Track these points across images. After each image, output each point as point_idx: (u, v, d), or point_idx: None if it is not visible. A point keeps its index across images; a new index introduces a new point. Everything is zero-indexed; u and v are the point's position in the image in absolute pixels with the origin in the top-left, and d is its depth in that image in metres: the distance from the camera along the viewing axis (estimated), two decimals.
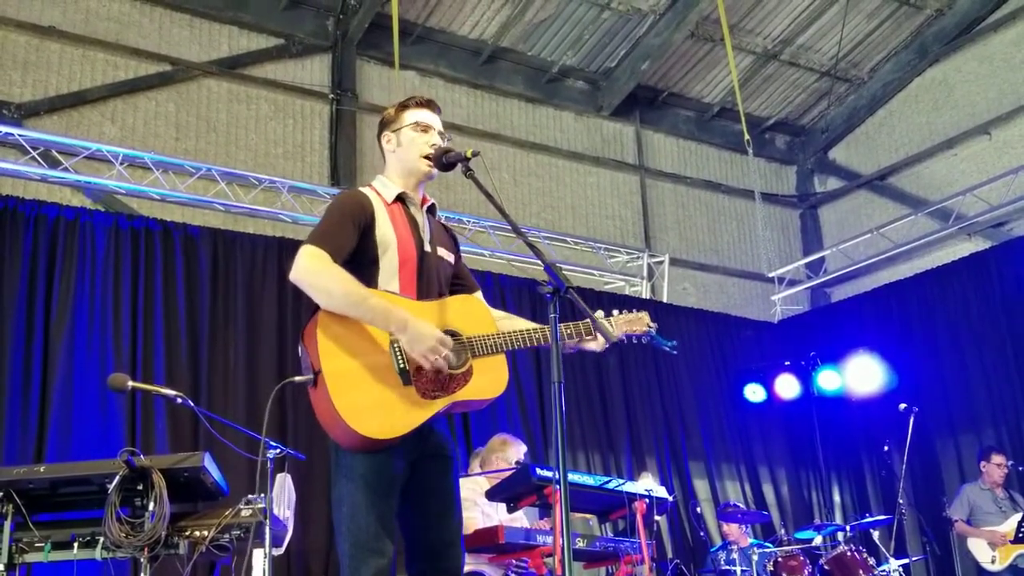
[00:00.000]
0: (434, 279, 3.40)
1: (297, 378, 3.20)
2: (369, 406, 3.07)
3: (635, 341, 3.58)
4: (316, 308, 3.19)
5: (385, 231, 3.31)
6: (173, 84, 9.14)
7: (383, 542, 3.11)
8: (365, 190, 3.43)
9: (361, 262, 3.27)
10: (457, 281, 3.56)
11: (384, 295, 3.22)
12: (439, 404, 3.16)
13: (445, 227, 3.63)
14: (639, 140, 11.91)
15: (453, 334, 3.23)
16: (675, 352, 3.81)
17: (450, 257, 3.53)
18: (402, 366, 3.13)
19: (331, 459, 3.22)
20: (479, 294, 3.58)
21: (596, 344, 3.44)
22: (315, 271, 3.13)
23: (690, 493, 9.98)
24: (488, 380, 3.25)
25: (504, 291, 9.42)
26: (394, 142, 3.47)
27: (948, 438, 9.92)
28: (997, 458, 8.74)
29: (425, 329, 3.11)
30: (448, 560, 3.28)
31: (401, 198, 3.43)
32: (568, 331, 3.38)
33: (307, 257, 3.14)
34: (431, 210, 3.53)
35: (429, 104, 3.51)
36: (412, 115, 3.47)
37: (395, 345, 3.14)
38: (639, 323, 3.58)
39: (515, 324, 3.47)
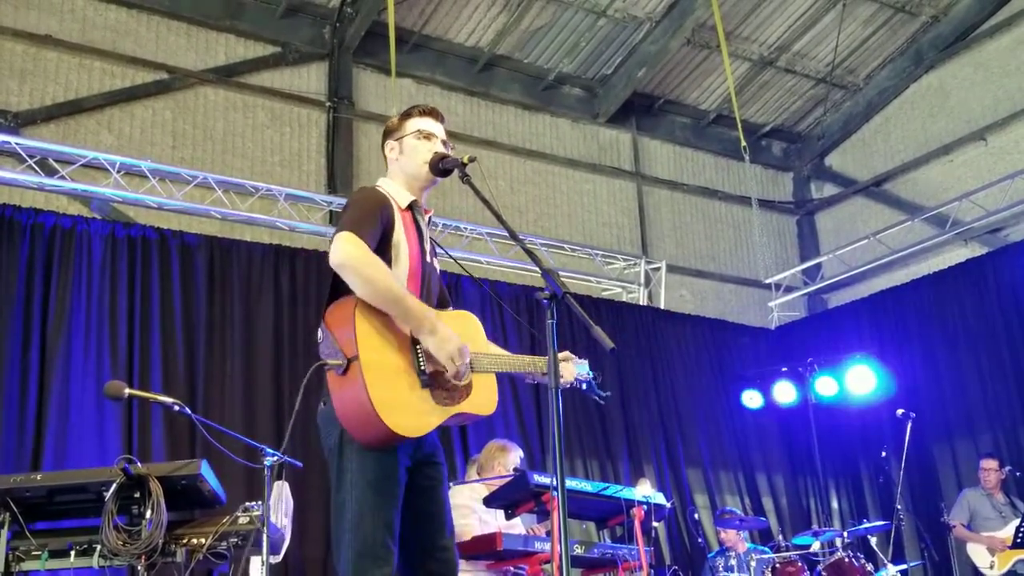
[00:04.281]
0: (433, 290, 3.42)
1: (330, 361, 3.12)
2: (398, 402, 3.07)
3: (574, 385, 3.61)
4: (338, 292, 3.17)
5: (400, 236, 3.30)
6: (170, 92, 9.15)
7: (388, 550, 3.07)
8: (381, 191, 3.40)
9: None
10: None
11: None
12: (448, 412, 3.20)
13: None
14: (635, 147, 11.93)
15: None
16: (604, 403, 3.88)
17: (439, 270, 3.56)
18: (423, 368, 3.15)
19: (333, 465, 3.17)
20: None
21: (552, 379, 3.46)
22: (359, 258, 3.07)
23: (688, 499, 9.98)
24: (484, 397, 3.31)
25: (501, 298, 9.42)
26: (397, 150, 3.46)
27: (945, 444, 9.92)
28: (986, 463, 8.76)
29: (452, 334, 3.15)
30: (441, 563, 3.26)
31: (411, 206, 3.43)
32: (534, 364, 3.44)
33: (351, 243, 3.07)
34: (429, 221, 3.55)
35: (432, 113, 3.51)
36: (415, 123, 3.47)
37: (417, 347, 3.16)
38: (581, 368, 3.60)
39: (491, 349, 3.52)
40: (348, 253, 3.06)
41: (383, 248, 3.23)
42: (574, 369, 3.54)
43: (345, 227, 3.12)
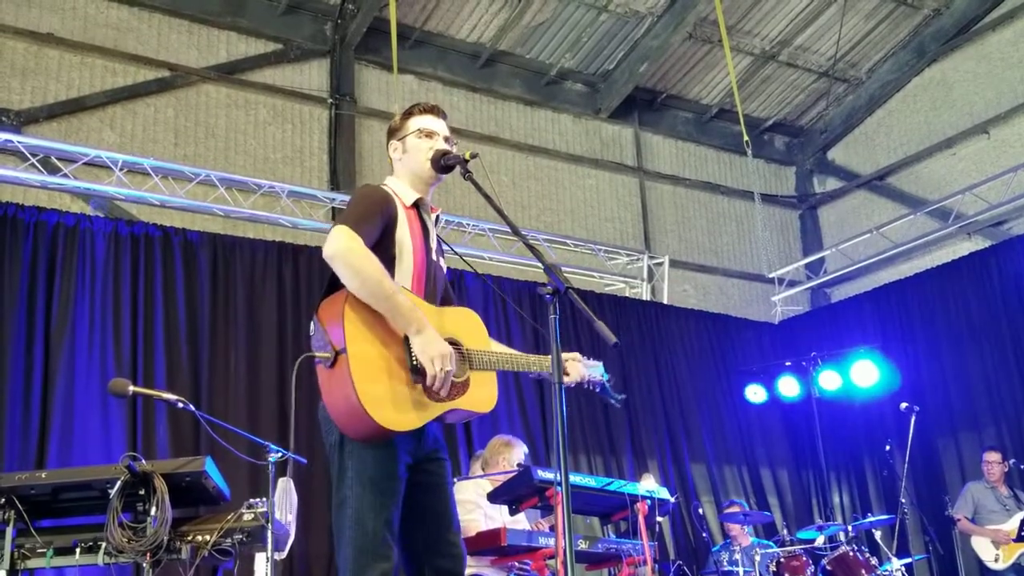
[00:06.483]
0: (437, 288, 3.42)
1: (318, 353, 3.11)
2: (386, 397, 3.05)
3: (587, 387, 3.59)
4: (334, 286, 3.16)
5: (403, 234, 3.29)
6: (172, 90, 9.15)
7: (388, 547, 3.07)
8: (385, 189, 3.40)
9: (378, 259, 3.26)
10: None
11: (409, 294, 3.21)
12: (441, 407, 3.17)
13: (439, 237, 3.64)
14: (638, 142, 11.92)
15: (454, 343, 3.24)
16: (619, 406, 3.86)
17: (444, 268, 3.55)
18: (415, 363, 3.12)
19: (334, 461, 3.17)
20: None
21: (566, 379, 3.46)
22: (352, 252, 3.05)
23: (692, 494, 9.98)
24: (482, 394, 3.30)
25: (504, 293, 9.41)
26: (400, 150, 3.46)
27: (949, 437, 9.92)
28: (989, 455, 8.75)
29: (438, 338, 3.12)
30: (449, 559, 3.27)
31: (417, 204, 3.42)
32: (540, 364, 3.41)
33: (346, 237, 3.06)
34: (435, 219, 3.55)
35: (433, 110, 3.50)
36: (416, 122, 3.46)
37: (409, 341, 3.14)
38: (595, 370, 3.59)
39: (494, 347, 3.51)
40: (339, 245, 3.05)
41: (386, 245, 3.23)
42: (581, 369, 3.50)
43: (341, 221, 3.13)
